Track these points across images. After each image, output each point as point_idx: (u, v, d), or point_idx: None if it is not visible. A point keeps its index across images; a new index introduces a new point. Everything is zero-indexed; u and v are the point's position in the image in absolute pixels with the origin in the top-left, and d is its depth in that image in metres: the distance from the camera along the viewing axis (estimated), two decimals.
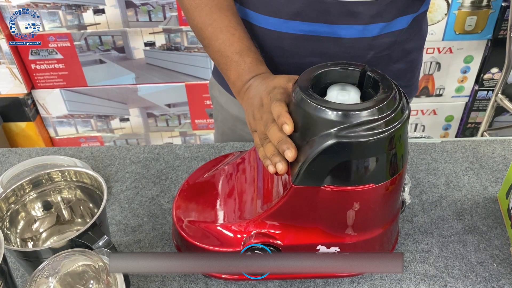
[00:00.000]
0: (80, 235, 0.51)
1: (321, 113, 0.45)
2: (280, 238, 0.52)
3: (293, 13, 0.65)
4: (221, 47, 0.63)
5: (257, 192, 0.55)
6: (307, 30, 0.66)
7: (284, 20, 0.66)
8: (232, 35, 0.63)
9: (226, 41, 0.62)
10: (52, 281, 0.45)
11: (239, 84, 0.61)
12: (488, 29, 1.62)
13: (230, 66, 0.62)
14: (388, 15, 0.65)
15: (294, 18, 0.65)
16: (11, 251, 0.52)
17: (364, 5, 0.63)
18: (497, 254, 0.62)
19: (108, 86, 1.73)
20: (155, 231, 0.66)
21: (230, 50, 0.62)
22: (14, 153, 0.83)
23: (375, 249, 0.56)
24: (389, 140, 0.46)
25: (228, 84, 0.64)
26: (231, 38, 0.62)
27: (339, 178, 0.47)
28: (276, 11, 0.66)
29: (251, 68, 0.60)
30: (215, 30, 0.63)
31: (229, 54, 0.62)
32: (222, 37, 0.63)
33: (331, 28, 0.65)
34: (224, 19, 0.64)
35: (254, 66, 0.61)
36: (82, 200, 0.62)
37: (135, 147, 0.83)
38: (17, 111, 1.73)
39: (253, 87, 0.59)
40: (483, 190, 0.71)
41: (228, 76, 0.63)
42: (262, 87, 0.56)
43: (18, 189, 0.58)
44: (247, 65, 0.61)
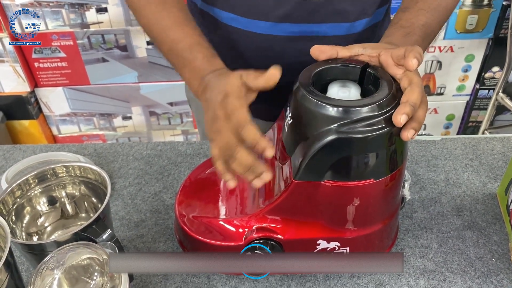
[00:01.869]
0: (84, 229, 0.52)
1: (322, 109, 0.46)
2: (281, 233, 0.53)
3: (282, 15, 0.65)
4: (171, 46, 0.59)
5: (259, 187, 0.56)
6: (296, 31, 0.67)
7: (273, 23, 0.66)
8: (180, 32, 0.59)
9: (175, 39, 0.59)
10: (57, 273, 0.46)
11: (195, 84, 0.57)
12: (489, 28, 1.63)
13: (183, 65, 0.59)
14: (370, 10, 0.68)
15: (283, 21, 0.66)
16: (17, 244, 0.53)
17: (351, 4, 0.65)
18: (495, 249, 0.62)
19: (111, 84, 1.74)
20: (157, 226, 0.67)
21: (179, 47, 0.58)
22: (18, 150, 0.84)
23: (375, 244, 0.57)
24: (388, 136, 0.47)
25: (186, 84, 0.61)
26: (180, 35, 0.59)
27: (340, 173, 0.48)
28: (264, 15, 0.66)
29: (204, 65, 0.56)
30: (163, 28, 0.60)
31: (180, 53, 0.58)
32: (171, 35, 0.59)
33: (320, 28, 0.66)
34: (170, 16, 0.60)
35: (206, 63, 0.57)
36: (86, 196, 0.63)
37: (138, 144, 0.84)
38: (20, 109, 1.74)
39: (209, 87, 0.54)
40: (483, 186, 0.72)
41: (183, 76, 0.60)
42: (214, 92, 0.51)
43: (23, 184, 0.58)
44: (199, 62, 0.57)
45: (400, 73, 0.49)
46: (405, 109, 0.45)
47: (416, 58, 0.47)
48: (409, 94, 0.46)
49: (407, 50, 0.48)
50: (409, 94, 0.46)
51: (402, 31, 0.58)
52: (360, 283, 0.59)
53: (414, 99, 0.46)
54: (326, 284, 0.59)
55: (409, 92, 0.47)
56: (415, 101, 0.46)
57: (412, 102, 0.46)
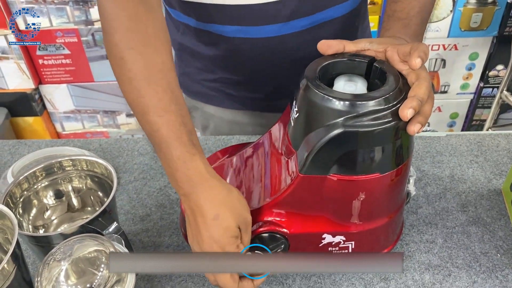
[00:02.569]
0: (91, 222, 0.52)
1: (328, 103, 0.46)
2: (287, 226, 0.53)
3: (289, 14, 0.65)
4: (149, 132, 0.51)
5: (265, 181, 0.56)
6: (306, 24, 0.67)
7: (282, 24, 0.66)
8: (159, 117, 0.49)
9: (153, 125, 0.49)
10: (64, 264, 0.46)
11: (177, 189, 0.51)
12: (494, 26, 1.62)
13: (163, 157, 0.50)
14: None
15: (292, 18, 0.66)
16: (23, 237, 0.53)
17: None
18: (501, 245, 0.62)
19: (115, 81, 1.73)
20: (163, 221, 0.68)
21: (157, 136, 0.49)
22: (23, 145, 0.85)
23: (380, 239, 0.57)
24: (395, 130, 0.47)
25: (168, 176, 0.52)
26: (158, 122, 0.49)
27: (346, 167, 0.48)
28: (273, 18, 0.65)
29: (183, 175, 0.49)
30: (143, 109, 0.50)
31: (157, 141, 0.50)
32: (149, 119, 0.50)
33: (326, 13, 0.67)
34: (152, 96, 0.50)
35: (183, 174, 0.49)
36: (92, 190, 0.63)
37: (142, 140, 0.84)
38: (24, 106, 1.75)
39: (200, 206, 0.48)
40: (488, 182, 0.72)
41: (165, 168, 0.51)
42: (214, 227, 0.47)
43: (31, 177, 0.59)
44: (175, 164, 0.49)
45: (406, 68, 0.50)
46: (412, 103, 0.45)
47: (420, 57, 0.48)
48: (417, 88, 0.47)
49: (413, 49, 0.49)
50: (417, 88, 0.47)
51: (401, 23, 0.59)
52: (364, 277, 0.59)
53: (422, 93, 0.46)
54: (331, 279, 0.59)
55: (416, 86, 0.47)
56: (422, 95, 0.46)
57: (419, 96, 0.46)
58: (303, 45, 0.69)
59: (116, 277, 0.47)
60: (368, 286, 0.58)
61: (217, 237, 0.48)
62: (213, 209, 0.48)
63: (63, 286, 0.45)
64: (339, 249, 0.55)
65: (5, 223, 0.51)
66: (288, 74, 0.70)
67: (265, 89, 0.77)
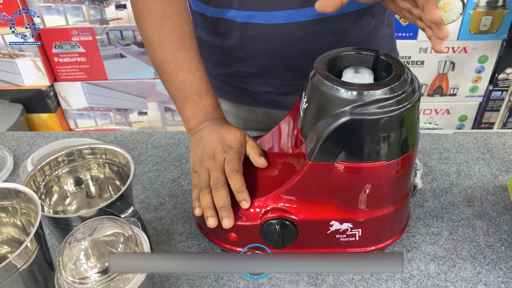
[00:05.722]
0: (109, 205, 0.54)
1: (336, 92, 0.48)
2: (296, 213, 0.55)
3: (300, 1, 0.66)
4: (181, 85, 0.65)
5: (274, 168, 0.58)
6: (315, 13, 0.68)
7: (293, 11, 0.67)
8: (193, 75, 0.65)
9: (186, 80, 0.65)
10: (84, 243, 0.48)
11: (193, 122, 0.65)
12: (503, 29, 1.63)
13: (187, 103, 0.66)
14: None
15: (304, 6, 0.67)
16: (44, 218, 0.56)
17: None
18: (505, 238, 0.64)
19: (128, 80, 1.78)
20: (176, 210, 0.70)
21: (190, 89, 0.65)
22: (41, 137, 0.88)
23: (386, 228, 0.58)
24: (400, 119, 0.49)
25: (181, 118, 0.68)
26: (192, 78, 0.65)
27: (353, 154, 0.50)
28: (283, 4, 0.67)
29: (208, 111, 0.65)
30: (176, 68, 0.65)
31: (188, 93, 0.65)
32: (183, 76, 0.65)
33: None
34: (186, 58, 0.65)
35: (211, 110, 0.66)
36: (110, 178, 0.65)
37: (156, 133, 0.87)
38: (39, 103, 1.79)
39: (206, 131, 0.63)
40: (494, 178, 0.73)
41: (184, 111, 0.67)
42: (216, 137, 0.61)
43: (53, 163, 0.61)
44: (204, 107, 0.65)
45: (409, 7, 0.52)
46: (444, 26, 0.46)
47: None
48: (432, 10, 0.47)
49: None
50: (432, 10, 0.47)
51: None
52: None
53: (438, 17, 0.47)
54: None
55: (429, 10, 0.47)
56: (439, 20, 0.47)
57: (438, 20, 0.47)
58: (313, 36, 0.71)
59: None
60: (374, 274, 0.60)
61: (214, 140, 0.60)
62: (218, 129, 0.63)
63: (83, 264, 0.47)
64: (347, 236, 0.56)
65: (29, 206, 0.53)
66: (297, 66, 0.72)
67: (275, 82, 0.79)
